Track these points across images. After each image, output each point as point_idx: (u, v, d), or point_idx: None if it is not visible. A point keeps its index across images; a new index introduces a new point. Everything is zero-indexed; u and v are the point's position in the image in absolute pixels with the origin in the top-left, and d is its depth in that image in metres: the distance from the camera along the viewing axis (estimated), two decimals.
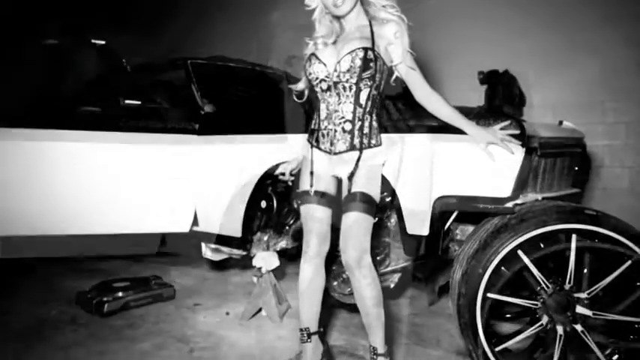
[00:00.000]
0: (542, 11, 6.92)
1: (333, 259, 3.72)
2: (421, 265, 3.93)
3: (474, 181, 3.03)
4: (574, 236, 2.92)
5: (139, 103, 4.44)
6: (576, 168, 4.07)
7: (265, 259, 4.24)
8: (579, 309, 2.93)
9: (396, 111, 3.32)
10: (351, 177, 2.90)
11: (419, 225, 3.18)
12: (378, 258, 3.79)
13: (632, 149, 6.34)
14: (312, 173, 3.00)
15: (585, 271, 2.98)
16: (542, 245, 2.97)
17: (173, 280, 5.29)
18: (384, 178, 3.05)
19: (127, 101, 4.40)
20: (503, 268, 2.95)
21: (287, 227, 4.30)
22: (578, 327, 2.93)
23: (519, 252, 2.95)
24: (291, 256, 4.68)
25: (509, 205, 3.07)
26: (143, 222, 4.31)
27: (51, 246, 4.26)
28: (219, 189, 4.19)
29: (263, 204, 4.14)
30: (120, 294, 4.56)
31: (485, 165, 2.93)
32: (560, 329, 2.95)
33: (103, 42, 4.48)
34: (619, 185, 6.42)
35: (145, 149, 4.23)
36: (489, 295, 2.95)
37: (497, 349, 3.01)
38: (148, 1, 11.83)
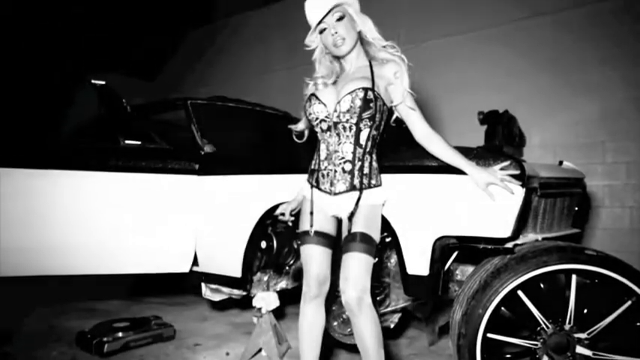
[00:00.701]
0: (541, 53, 6.99)
1: (333, 300, 3.71)
2: (421, 305, 3.92)
3: (473, 221, 3.03)
4: (574, 277, 2.93)
5: (139, 143, 4.47)
6: (576, 208, 4.07)
7: (265, 299, 4.23)
8: (579, 349, 2.92)
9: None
10: (351, 217, 2.91)
11: (419, 265, 3.18)
12: (378, 298, 3.79)
13: (633, 189, 6.35)
14: (312, 213, 3.00)
15: (585, 311, 2.98)
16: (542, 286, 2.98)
17: (173, 320, 5.26)
18: (384, 218, 3.06)
19: (127, 141, 4.43)
20: (503, 308, 2.95)
21: (287, 267, 4.30)
22: None
23: (519, 292, 2.95)
24: (291, 297, 4.67)
25: (510, 245, 3.07)
26: (143, 262, 4.31)
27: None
28: (220, 229, 4.20)
29: (263, 244, 4.14)
30: (120, 334, 4.53)
31: (485, 205, 2.93)
32: None
33: (103, 82, 4.51)
34: (619, 225, 6.42)
35: (144, 189, 4.25)
36: (489, 335, 2.95)
37: None
38: (148, 42, 11.94)
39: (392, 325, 3.90)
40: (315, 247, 2.98)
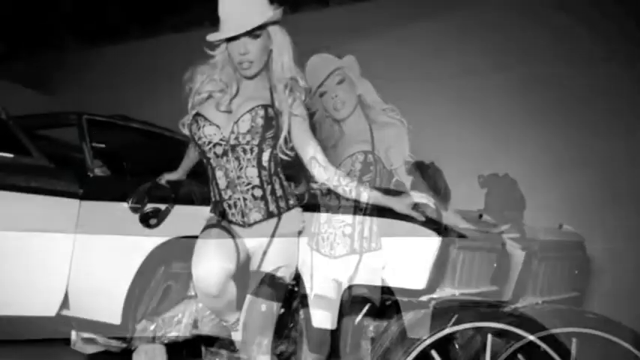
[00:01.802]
0: (542, 117, 7.03)
1: None
2: None
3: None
4: (574, 340, 2.91)
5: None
6: (576, 271, 4.06)
7: None
8: None
9: None
10: (351, 280, 2.91)
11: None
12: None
13: (633, 252, 6.33)
14: (311, 277, 3.00)
15: None
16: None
17: None
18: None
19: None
20: None
21: (286, 330, 4.28)
22: None
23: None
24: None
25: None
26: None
27: None
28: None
29: (263, 307, 4.12)
30: None
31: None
32: None
33: None
34: (620, 289, 6.38)
35: None
36: None
37: None
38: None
39: None
40: (314, 311, 2.97)
